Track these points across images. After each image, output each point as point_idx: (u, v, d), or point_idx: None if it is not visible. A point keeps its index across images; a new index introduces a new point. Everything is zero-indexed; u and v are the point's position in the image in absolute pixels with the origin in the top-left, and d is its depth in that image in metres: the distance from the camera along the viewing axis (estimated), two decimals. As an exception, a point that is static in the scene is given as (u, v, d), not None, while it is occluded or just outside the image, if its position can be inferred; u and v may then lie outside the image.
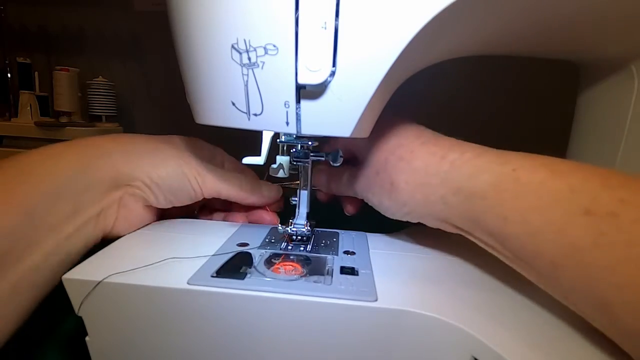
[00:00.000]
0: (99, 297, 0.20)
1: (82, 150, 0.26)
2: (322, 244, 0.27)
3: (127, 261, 0.22)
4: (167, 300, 0.20)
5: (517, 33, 0.25)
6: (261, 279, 0.21)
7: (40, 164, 0.23)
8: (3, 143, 0.66)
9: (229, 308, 0.20)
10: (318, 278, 0.21)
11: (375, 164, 0.26)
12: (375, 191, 0.26)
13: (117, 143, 0.27)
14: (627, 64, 0.26)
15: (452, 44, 0.24)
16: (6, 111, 0.69)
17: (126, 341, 0.21)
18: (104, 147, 0.27)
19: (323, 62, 0.19)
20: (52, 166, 0.24)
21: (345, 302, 0.19)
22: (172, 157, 0.28)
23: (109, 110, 0.71)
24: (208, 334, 0.20)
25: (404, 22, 0.18)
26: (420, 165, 0.23)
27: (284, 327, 0.20)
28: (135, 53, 0.74)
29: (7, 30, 0.71)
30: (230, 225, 0.30)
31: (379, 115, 0.24)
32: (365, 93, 0.20)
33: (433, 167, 0.22)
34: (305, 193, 0.27)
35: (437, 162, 0.22)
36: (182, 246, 0.25)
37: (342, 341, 0.19)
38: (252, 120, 0.22)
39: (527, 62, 0.43)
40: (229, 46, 0.20)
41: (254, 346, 0.20)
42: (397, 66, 0.20)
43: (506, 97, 0.66)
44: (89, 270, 0.21)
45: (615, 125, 0.27)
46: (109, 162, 0.26)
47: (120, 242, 0.25)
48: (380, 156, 0.25)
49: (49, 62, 0.75)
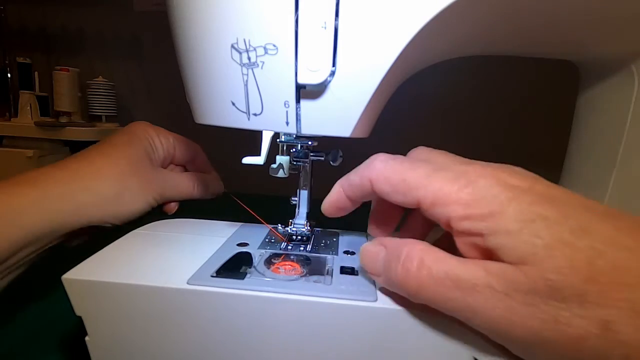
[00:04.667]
0: (98, 297, 0.20)
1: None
2: (322, 244, 0.27)
3: (126, 261, 0.22)
4: (167, 300, 0.20)
5: (517, 33, 0.25)
6: (261, 279, 0.21)
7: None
8: (3, 143, 0.66)
9: (228, 308, 0.19)
10: (318, 278, 0.21)
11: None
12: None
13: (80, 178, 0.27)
14: (627, 64, 0.26)
15: (451, 44, 0.24)
16: (6, 111, 0.69)
17: (126, 341, 0.21)
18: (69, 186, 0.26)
19: (323, 62, 0.19)
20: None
21: (345, 302, 0.19)
22: (141, 194, 0.29)
23: (109, 110, 0.71)
24: (208, 334, 0.20)
25: (403, 22, 0.18)
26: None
27: (284, 327, 0.20)
28: (135, 53, 0.74)
29: (7, 30, 0.71)
30: (230, 225, 0.30)
31: (378, 115, 0.24)
32: (365, 93, 0.20)
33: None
34: (305, 193, 0.27)
35: None
36: (182, 246, 0.25)
37: (341, 341, 0.19)
38: (251, 120, 0.22)
39: (527, 62, 0.43)
40: (229, 46, 0.20)
41: (254, 346, 0.20)
42: (397, 66, 0.20)
43: (506, 97, 0.66)
44: (89, 270, 0.21)
45: (615, 125, 0.27)
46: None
47: (120, 242, 0.25)
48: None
49: (49, 62, 0.75)
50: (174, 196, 0.33)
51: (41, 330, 0.28)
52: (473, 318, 0.15)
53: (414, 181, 0.17)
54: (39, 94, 0.68)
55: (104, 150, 0.29)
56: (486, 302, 0.15)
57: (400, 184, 0.18)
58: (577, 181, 0.31)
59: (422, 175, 0.17)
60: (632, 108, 0.26)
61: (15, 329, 0.28)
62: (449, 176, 0.17)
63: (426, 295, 0.16)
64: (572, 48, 0.28)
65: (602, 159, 0.28)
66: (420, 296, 0.17)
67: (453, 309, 0.16)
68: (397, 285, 0.18)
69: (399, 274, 0.17)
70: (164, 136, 0.33)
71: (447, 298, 0.16)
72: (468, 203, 0.15)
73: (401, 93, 0.27)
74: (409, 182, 0.17)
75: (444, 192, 0.16)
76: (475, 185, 0.16)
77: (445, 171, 0.17)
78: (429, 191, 0.17)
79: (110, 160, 0.28)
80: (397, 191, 0.18)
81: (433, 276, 0.16)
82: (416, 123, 0.69)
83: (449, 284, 0.15)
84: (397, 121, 0.67)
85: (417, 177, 0.17)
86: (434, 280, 0.16)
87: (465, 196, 0.16)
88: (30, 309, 0.26)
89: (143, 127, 0.33)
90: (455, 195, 0.16)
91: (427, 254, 0.17)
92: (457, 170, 0.17)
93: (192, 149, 0.36)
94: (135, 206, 0.28)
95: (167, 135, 0.34)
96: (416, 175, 0.17)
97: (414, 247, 0.17)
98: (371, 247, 0.19)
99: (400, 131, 0.67)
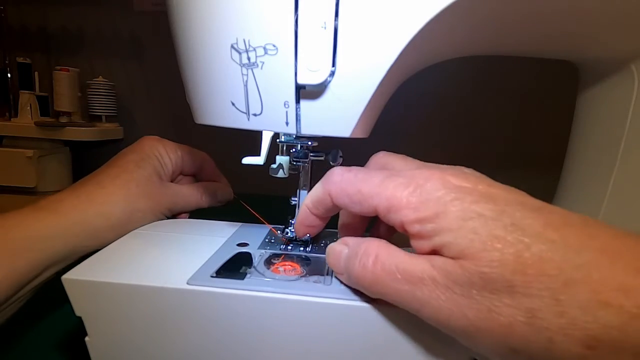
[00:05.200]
0: (98, 298, 0.20)
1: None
2: (321, 244, 0.27)
3: (126, 261, 0.22)
4: (167, 300, 0.20)
5: (517, 33, 0.25)
6: (261, 279, 0.21)
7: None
8: (3, 143, 0.66)
9: (228, 308, 0.20)
10: (317, 278, 0.21)
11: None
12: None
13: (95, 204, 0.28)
14: (627, 64, 0.26)
15: (451, 44, 0.24)
16: (6, 111, 0.69)
17: (126, 341, 0.21)
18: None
19: (323, 62, 0.19)
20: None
21: (344, 302, 0.19)
22: (151, 213, 0.31)
23: (109, 110, 0.71)
24: (208, 334, 0.20)
25: (403, 22, 0.18)
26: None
27: (284, 327, 0.20)
28: (135, 53, 0.74)
29: (7, 30, 0.71)
30: (230, 225, 0.30)
31: (378, 115, 0.24)
32: (365, 93, 0.20)
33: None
34: (305, 193, 0.27)
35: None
36: (182, 246, 0.25)
37: (341, 341, 0.19)
38: (251, 120, 0.22)
39: (527, 62, 0.43)
40: (229, 46, 0.20)
41: (254, 346, 0.20)
42: (396, 66, 0.20)
43: (506, 97, 0.66)
44: (89, 270, 0.21)
45: (615, 125, 0.27)
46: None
47: (120, 242, 0.25)
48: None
49: (49, 62, 0.75)
50: (183, 208, 0.34)
51: (41, 330, 0.28)
52: (421, 310, 0.16)
53: (368, 191, 0.18)
54: (39, 94, 0.68)
55: (115, 173, 0.30)
56: (430, 294, 0.16)
57: (356, 195, 0.19)
58: (577, 181, 0.31)
59: (376, 184, 0.18)
60: (632, 108, 0.26)
61: (16, 329, 0.28)
62: (400, 181, 0.17)
63: (380, 288, 0.17)
64: (572, 48, 0.28)
65: (602, 159, 0.28)
66: (374, 289, 0.18)
67: (404, 302, 0.17)
68: (355, 280, 0.19)
69: (357, 269, 0.18)
70: (172, 151, 0.34)
71: (398, 290, 0.17)
72: (417, 207, 0.16)
73: (401, 93, 0.27)
74: (363, 192, 0.18)
75: (396, 198, 0.17)
76: (423, 188, 0.17)
77: (397, 177, 0.18)
78: (382, 198, 0.17)
79: (120, 183, 0.30)
80: (354, 202, 0.19)
81: (385, 270, 0.17)
82: (416, 123, 0.69)
83: (399, 278, 0.17)
84: (397, 121, 0.67)
85: (371, 187, 0.18)
86: (386, 274, 0.17)
87: (414, 200, 0.17)
88: (31, 309, 0.26)
89: (152, 144, 0.34)
90: (406, 200, 0.17)
91: (381, 249, 0.18)
92: (408, 175, 0.18)
93: (199, 159, 0.37)
94: (145, 223, 0.30)
95: (175, 149, 0.35)
96: (370, 185, 0.18)
97: (371, 244, 0.18)
98: (336, 246, 0.21)
99: (400, 131, 0.68)
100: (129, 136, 0.75)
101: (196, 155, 0.37)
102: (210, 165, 0.39)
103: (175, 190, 0.33)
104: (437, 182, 0.17)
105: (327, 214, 0.22)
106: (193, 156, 0.36)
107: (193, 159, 0.36)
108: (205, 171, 0.38)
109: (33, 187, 0.63)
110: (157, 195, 0.31)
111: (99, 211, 0.27)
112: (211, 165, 0.39)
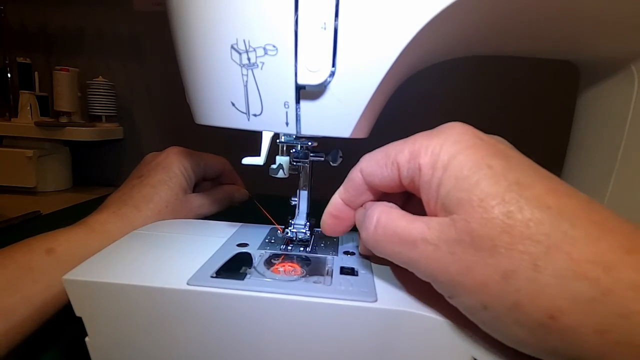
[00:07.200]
0: (99, 298, 0.20)
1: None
2: (321, 244, 0.27)
3: (126, 262, 0.22)
4: (167, 301, 0.20)
5: (517, 33, 0.25)
6: (261, 279, 0.21)
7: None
8: (3, 143, 0.66)
9: (228, 308, 0.19)
10: (318, 278, 0.21)
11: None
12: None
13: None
14: (627, 64, 0.26)
15: (451, 44, 0.24)
16: (6, 111, 0.69)
17: (126, 342, 0.21)
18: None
19: (322, 63, 0.19)
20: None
21: (344, 303, 0.19)
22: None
23: (109, 110, 0.71)
24: (208, 335, 0.20)
25: (403, 22, 0.18)
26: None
27: (284, 327, 0.20)
28: (135, 53, 0.74)
29: (7, 30, 0.71)
30: (230, 225, 0.30)
31: (378, 115, 0.24)
32: (365, 93, 0.20)
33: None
34: (305, 193, 0.27)
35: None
36: (182, 246, 0.25)
37: (341, 341, 0.19)
38: (251, 120, 0.22)
39: (527, 62, 0.43)
40: (229, 47, 0.20)
41: (254, 346, 0.20)
42: (396, 66, 0.20)
43: (506, 97, 0.66)
44: (89, 270, 0.21)
45: (615, 125, 0.27)
46: None
47: (120, 242, 0.25)
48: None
49: (49, 62, 0.75)
50: (203, 214, 0.38)
51: (41, 331, 0.28)
52: (417, 269, 0.17)
53: (394, 149, 0.19)
54: (39, 94, 0.68)
55: (149, 196, 0.34)
56: (421, 254, 0.17)
57: (383, 158, 0.19)
58: (578, 181, 0.31)
59: (401, 142, 0.19)
60: (632, 108, 0.26)
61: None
62: (426, 133, 0.18)
63: (382, 250, 0.19)
64: (572, 48, 0.28)
65: (602, 159, 0.28)
66: (377, 250, 0.19)
67: (402, 262, 0.18)
68: (363, 242, 0.20)
69: (363, 232, 0.20)
70: (196, 164, 0.38)
71: (395, 252, 0.18)
72: (434, 151, 0.17)
73: (401, 93, 0.27)
74: (389, 151, 0.19)
75: (419, 144, 0.18)
76: (444, 134, 0.17)
77: (424, 133, 0.18)
78: (405, 149, 0.18)
79: (154, 207, 0.33)
80: (381, 165, 0.19)
81: (386, 233, 0.18)
82: (416, 123, 0.69)
83: (397, 240, 0.18)
84: (397, 121, 0.67)
85: (396, 146, 0.19)
86: (385, 237, 0.18)
87: (434, 144, 0.17)
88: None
89: (179, 160, 0.37)
90: (426, 144, 0.17)
91: (383, 213, 0.19)
92: (437, 130, 0.18)
93: (220, 165, 0.41)
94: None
95: (199, 160, 0.38)
96: (395, 145, 0.19)
97: (375, 209, 0.19)
98: (359, 210, 0.22)
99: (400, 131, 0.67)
100: (129, 136, 0.75)
101: (217, 162, 0.41)
102: (230, 169, 0.42)
103: (195, 203, 0.37)
104: (460, 128, 0.17)
105: (356, 199, 0.21)
106: (214, 163, 0.40)
107: (214, 165, 0.40)
108: (225, 175, 0.42)
109: (33, 187, 0.64)
110: (180, 209, 0.35)
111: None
112: (230, 169, 0.42)
